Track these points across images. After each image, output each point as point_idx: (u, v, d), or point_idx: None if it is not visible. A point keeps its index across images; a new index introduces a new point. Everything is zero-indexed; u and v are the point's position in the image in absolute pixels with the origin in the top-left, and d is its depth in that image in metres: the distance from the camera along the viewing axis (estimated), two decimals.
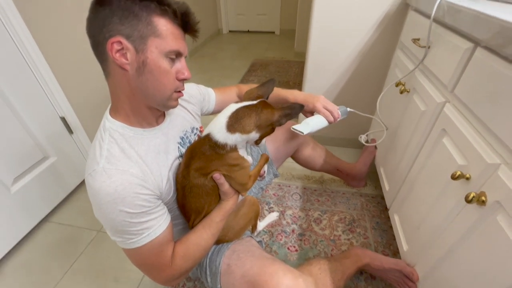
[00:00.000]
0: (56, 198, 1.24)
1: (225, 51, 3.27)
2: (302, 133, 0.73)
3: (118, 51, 0.45)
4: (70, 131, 1.24)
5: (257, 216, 0.81)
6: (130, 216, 0.49)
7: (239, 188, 0.63)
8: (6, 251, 1.04)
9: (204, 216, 0.62)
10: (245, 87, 0.84)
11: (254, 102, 0.58)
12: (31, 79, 1.06)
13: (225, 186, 0.60)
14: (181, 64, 0.52)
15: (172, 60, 0.50)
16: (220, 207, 0.62)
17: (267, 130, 0.59)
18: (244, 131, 0.55)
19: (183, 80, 0.54)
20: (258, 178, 0.72)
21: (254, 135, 0.57)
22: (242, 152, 0.61)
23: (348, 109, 0.83)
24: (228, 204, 0.63)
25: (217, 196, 0.63)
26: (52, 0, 1.10)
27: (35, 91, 1.08)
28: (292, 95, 0.82)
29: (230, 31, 4.06)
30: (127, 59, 0.46)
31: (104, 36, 0.45)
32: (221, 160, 0.58)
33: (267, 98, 0.64)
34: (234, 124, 0.55)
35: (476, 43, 0.56)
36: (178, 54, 0.51)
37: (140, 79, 0.49)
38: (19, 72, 1.02)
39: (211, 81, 2.47)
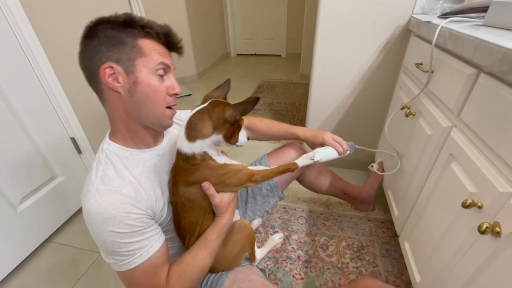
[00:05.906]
0: (60, 218, 1.23)
1: (233, 73, 3.37)
2: (313, 160, 0.75)
3: (110, 75, 0.49)
4: (79, 151, 1.27)
5: (252, 241, 0.74)
6: (120, 237, 0.48)
7: (243, 184, 0.61)
8: (7, 273, 1.02)
9: (199, 236, 0.60)
10: None
11: (205, 104, 0.56)
12: (44, 99, 1.10)
13: (216, 198, 0.57)
14: (170, 80, 0.55)
15: (161, 77, 0.53)
16: (214, 224, 0.60)
17: (229, 127, 0.55)
18: (202, 136, 0.54)
19: (175, 95, 0.56)
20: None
21: (216, 137, 0.55)
22: (221, 159, 0.58)
23: (356, 146, 0.88)
24: (223, 220, 0.60)
25: (211, 213, 0.61)
26: (67, 18, 1.16)
27: (47, 111, 1.12)
28: (301, 131, 0.87)
29: (238, 54, 4.21)
30: (119, 82, 0.50)
31: (95, 65, 0.49)
32: (200, 170, 0.56)
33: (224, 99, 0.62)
34: (191, 132, 0.54)
35: (480, 69, 0.56)
36: (166, 68, 0.53)
37: (132, 100, 0.51)
38: (33, 92, 1.06)
39: None
